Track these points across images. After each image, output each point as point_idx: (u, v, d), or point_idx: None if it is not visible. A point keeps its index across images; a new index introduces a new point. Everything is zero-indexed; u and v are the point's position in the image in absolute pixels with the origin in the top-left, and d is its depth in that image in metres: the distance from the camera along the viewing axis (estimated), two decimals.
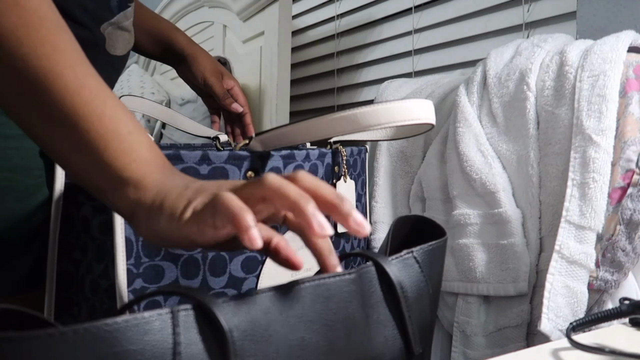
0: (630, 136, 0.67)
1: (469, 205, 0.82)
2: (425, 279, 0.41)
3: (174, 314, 0.31)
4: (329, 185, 0.45)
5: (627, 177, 0.67)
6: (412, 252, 0.41)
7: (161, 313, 0.30)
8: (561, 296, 0.67)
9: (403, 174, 0.97)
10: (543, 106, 0.76)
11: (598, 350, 0.46)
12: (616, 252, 0.66)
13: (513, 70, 0.81)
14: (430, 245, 0.43)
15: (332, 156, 0.70)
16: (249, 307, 0.33)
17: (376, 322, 0.38)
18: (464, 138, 0.82)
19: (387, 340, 0.38)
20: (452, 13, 1.18)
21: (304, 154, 0.66)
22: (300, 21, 1.64)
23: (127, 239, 0.54)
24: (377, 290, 0.38)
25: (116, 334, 0.29)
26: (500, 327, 0.78)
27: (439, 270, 0.45)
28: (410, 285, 0.40)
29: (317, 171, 0.68)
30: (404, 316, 0.39)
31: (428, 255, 0.42)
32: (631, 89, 0.69)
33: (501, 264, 0.77)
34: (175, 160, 0.56)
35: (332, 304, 0.36)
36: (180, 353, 0.30)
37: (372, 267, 0.39)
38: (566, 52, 0.75)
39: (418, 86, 1.04)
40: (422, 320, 0.41)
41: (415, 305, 0.40)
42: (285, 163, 0.64)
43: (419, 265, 0.41)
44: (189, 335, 0.31)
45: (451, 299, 0.86)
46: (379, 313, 0.38)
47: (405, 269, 0.40)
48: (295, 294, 0.35)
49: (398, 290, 0.39)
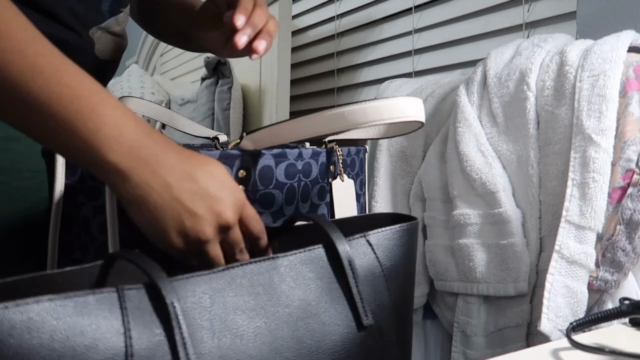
0: (631, 136, 0.67)
1: (469, 205, 0.82)
2: (378, 261, 0.46)
3: (119, 292, 0.34)
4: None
5: (627, 177, 0.67)
6: (364, 235, 0.46)
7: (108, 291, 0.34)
8: (561, 296, 0.67)
9: (403, 174, 0.97)
10: (543, 106, 0.76)
11: (598, 350, 0.46)
12: (616, 252, 0.66)
13: (513, 70, 0.81)
14: (385, 230, 0.47)
15: (327, 155, 0.71)
16: (192, 289, 0.37)
17: (327, 297, 0.42)
18: (464, 138, 0.82)
19: (338, 313, 0.42)
20: (452, 13, 1.18)
21: (296, 152, 0.66)
22: (300, 21, 1.64)
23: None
24: (326, 265, 0.43)
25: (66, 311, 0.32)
26: (500, 327, 0.78)
27: (402, 255, 0.48)
28: (360, 265, 0.44)
29: (311, 170, 0.68)
30: (351, 290, 0.43)
31: (383, 239, 0.46)
32: (631, 88, 0.69)
33: (501, 264, 0.77)
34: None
35: (285, 284, 0.41)
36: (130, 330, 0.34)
37: (325, 246, 0.44)
38: (566, 52, 0.75)
39: (418, 86, 1.04)
40: (377, 299, 0.45)
41: (365, 283, 0.44)
42: (277, 162, 0.64)
43: (372, 247, 0.46)
44: (135, 311, 0.34)
45: (451, 299, 0.86)
46: (330, 289, 0.43)
47: (356, 249, 0.45)
48: (248, 276, 0.40)
49: (345, 266, 0.43)
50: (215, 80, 1.49)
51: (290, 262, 0.42)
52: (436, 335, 0.92)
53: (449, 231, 0.86)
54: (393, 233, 0.47)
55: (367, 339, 0.43)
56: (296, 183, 0.66)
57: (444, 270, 0.85)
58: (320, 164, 0.70)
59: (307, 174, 0.68)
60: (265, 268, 0.41)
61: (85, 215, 0.60)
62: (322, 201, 0.71)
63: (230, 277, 0.39)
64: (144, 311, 0.34)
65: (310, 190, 0.69)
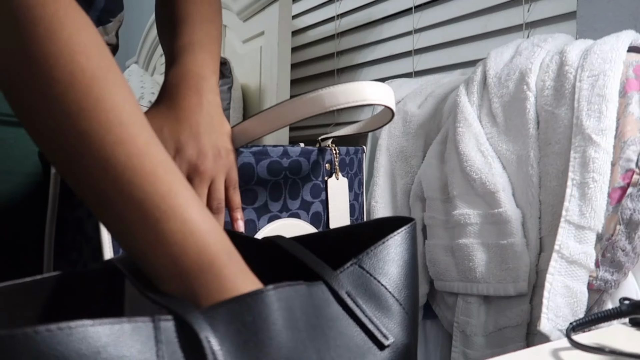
0: (630, 136, 0.67)
1: (469, 205, 0.82)
2: (375, 280, 0.44)
3: (155, 323, 0.32)
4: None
5: (627, 177, 0.67)
6: (355, 261, 0.44)
7: (144, 321, 0.31)
8: (561, 296, 0.67)
9: (403, 174, 0.97)
10: (543, 106, 0.76)
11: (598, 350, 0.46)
12: (616, 252, 0.66)
13: (513, 70, 0.81)
14: (375, 247, 0.45)
15: (320, 154, 0.71)
16: (230, 317, 0.34)
17: (342, 325, 0.41)
18: (464, 138, 0.82)
19: (359, 341, 0.41)
20: (452, 13, 1.18)
21: (280, 150, 0.67)
22: (300, 21, 1.64)
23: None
24: (332, 303, 0.41)
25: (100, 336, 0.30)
26: (500, 327, 0.78)
27: (402, 263, 0.46)
28: (359, 292, 0.43)
29: (301, 167, 0.69)
30: (360, 320, 0.41)
31: (374, 257, 0.45)
32: (631, 88, 0.69)
33: (501, 264, 0.77)
34: None
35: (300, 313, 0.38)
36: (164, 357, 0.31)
37: (322, 284, 0.42)
38: (566, 52, 0.75)
39: (418, 86, 1.04)
40: (388, 316, 0.44)
41: (369, 304, 0.43)
42: (258, 159, 0.64)
43: (366, 270, 0.44)
44: (170, 346, 0.32)
45: (451, 299, 0.86)
46: (340, 323, 0.41)
47: (352, 278, 0.43)
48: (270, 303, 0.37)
49: (348, 301, 0.42)
50: None
51: (288, 294, 0.39)
52: (436, 335, 0.92)
53: (448, 231, 0.86)
54: (384, 248, 0.45)
55: (395, 358, 0.42)
56: (282, 180, 0.67)
57: (443, 270, 0.85)
58: (312, 162, 0.70)
59: (295, 171, 0.68)
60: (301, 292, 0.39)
61: (79, 216, 0.60)
62: (317, 199, 0.72)
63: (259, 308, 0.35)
64: (178, 345, 0.32)
65: (301, 187, 0.69)
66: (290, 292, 0.38)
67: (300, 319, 0.38)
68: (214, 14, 0.68)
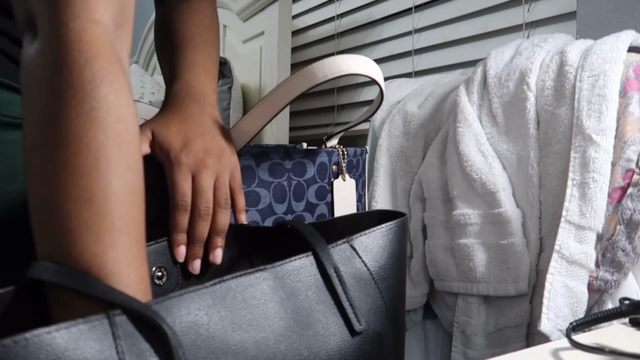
0: (630, 136, 0.67)
1: (469, 205, 0.82)
2: (365, 265, 0.45)
3: (110, 319, 0.32)
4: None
5: (627, 177, 0.67)
6: (347, 240, 0.45)
7: (99, 318, 0.32)
8: (561, 296, 0.67)
9: (403, 174, 0.97)
10: (543, 106, 0.76)
11: (598, 350, 0.46)
12: (616, 252, 0.66)
13: (513, 70, 0.81)
14: (369, 232, 0.46)
15: (327, 155, 0.71)
16: (187, 306, 0.36)
17: (318, 306, 0.42)
18: (464, 138, 0.82)
19: (331, 322, 0.42)
20: (452, 13, 1.18)
21: (282, 151, 0.66)
22: (300, 21, 1.64)
23: None
24: (315, 274, 0.43)
25: (58, 342, 0.30)
26: (500, 327, 0.78)
27: (389, 254, 0.47)
28: (346, 271, 0.44)
29: (305, 169, 0.68)
30: (340, 298, 0.43)
31: (367, 241, 0.46)
32: (631, 88, 0.69)
33: (501, 264, 0.77)
34: (154, 163, 0.57)
35: (277, 296, 0.41)
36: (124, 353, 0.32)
37: (311, 255, 0.43)
38: (566, 52, 0.75)
39: (418, 86, 1.04)
40: (369, 302, 0.44)
41: (354, 288, 0.44)
42: (258, 162, 0.64)
43: (356, 252, 0.45)
44: (129, 339, 0.32)
45: (451, 299, 0.86)
46: (319, 298, 0.42)
47: (340, 255, 0.44)
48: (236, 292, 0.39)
49: (331, 274, 0.43)
50: None
51: (279, 272, 0.41)
52: (436, 335, 0.92)
53: (449, 231, 0.86)
54: (377, 234, 0.47)
55: (363, 345, 0.43)
56: (285, 182, 0.67)
57: (443, 270, 0.85)
58: (318, 164, 0.70)
59: (299, 173, 0.68)
60: (255, 280, 0.40)
61: None
62: (322, 201, 0.71)
63: (224, 291, 0.38)
64: (137, 338, 0.33)
65: (306, 189, 0.69)
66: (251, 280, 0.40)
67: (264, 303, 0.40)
68: (214, 38, 0.72)
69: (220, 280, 0.39)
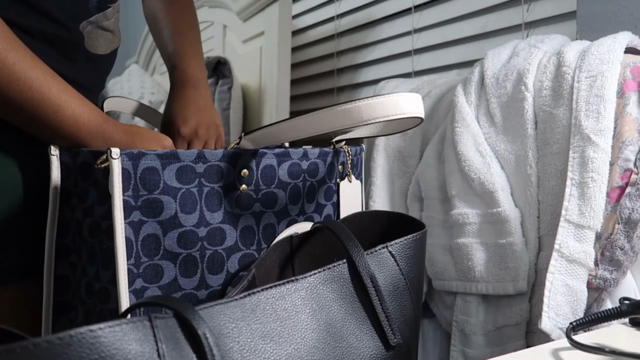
0: (628, 136, 0.68)
1: (467, 204, 0.82)
2: (401, 273, 0.43)
3: (152, 321, 0.32)
4: None
5: (626, 177, 0.68)
6: (386, 246, 0.44)
7: (141, 320, 0.32)
8: (561, 294, 0.67)
9: (400, 174, 0.97)
10: (541, 106, 0.76)
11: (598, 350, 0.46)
12: (615, 250, 0.67)
13: (511, 71, 0.81)
14: (406, 239, 0.45)
15: (335, 155, 0.70)
16: (216, 318, 0.35)
17: (351, 317, 0.40)
18: (462, 138, 0.83)
19: (364, 334, 0.40)
20: (451, 13, 1.18)
21: (301, 152, 0.66)
22: (300, 21, 1.64)
23: (127, 239, 0.54)
24: (348, 284, 0.41)
25: (102, 340, 0.29)
26: (499, 326, 0.78)
27: (418, 264, 0.46)
28: (384, 280, 0.42)
29: (318, 170, 0.68)
30: (376, 310, 0.41)
31: (404, 249, 0.44)
32: (628, 89, 0.70)
33: (500, 263, 0.78)
34: (172, 159, 0.57)
35: (308, 307, 0.39)
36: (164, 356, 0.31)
37: (345, 263, 0.41)
38: (564, 52, 0.76)
39: (415, 86, 1.05)
40: (402, 314, 0.43)
41: (390, 298, 0.42)
42: (280, 161, 0.64)
43: (395, 259, 0.43)
44: (169, 342, 0.32)
45: (450, 298, 0.86)
46: (354, 309, 0.41)
47: (379, 263, 0.43)
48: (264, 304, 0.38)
49: (368, 286, 0.41)
50: (215, 80, 1.49)
51: (310, 283, 0.40)
52: (434, 334, 0.92)
53: (447, 230, 0.86)
54: (413, 241, 0.45)
55: (396, 358, 0.41)
56: (301, 183, 0.66)
57: (442, 269, 0.85)
58: (328, 165, 0.69)
59: (313, 174, 0.67)
60: (286, 292, 0.39)
61: (77, 218, 0.60)
62: (329, 201, 0.71)
63: (253, 304, 0.37)
64: (177, 342, 0.33)
65: (317, 190, 0.69)
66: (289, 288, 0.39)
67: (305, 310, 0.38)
68: (195, 20, 0.89)
69: (250, 293, 0.38)
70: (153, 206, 0.55)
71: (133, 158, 0.54)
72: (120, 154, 0.54)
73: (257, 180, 0.62)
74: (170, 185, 0.56)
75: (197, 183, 0.58)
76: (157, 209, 0.56)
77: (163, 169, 0.56)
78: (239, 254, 0.62)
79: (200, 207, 0.58)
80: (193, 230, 0.58)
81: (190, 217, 0.58)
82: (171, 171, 0.56)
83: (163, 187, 0.56)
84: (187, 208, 0.57)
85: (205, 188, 0.59)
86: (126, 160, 0.54)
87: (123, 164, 0.54)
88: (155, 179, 0.55)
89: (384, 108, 0.54)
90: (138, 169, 0.55)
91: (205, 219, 0.59)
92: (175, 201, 0.56)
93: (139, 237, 0.55)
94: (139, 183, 0.55)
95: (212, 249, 0.60)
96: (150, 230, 0.56)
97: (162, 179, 0.56)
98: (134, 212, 0.55)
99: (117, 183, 0.53)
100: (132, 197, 0.54)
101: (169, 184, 0.56)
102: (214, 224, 0.60)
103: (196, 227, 0.58)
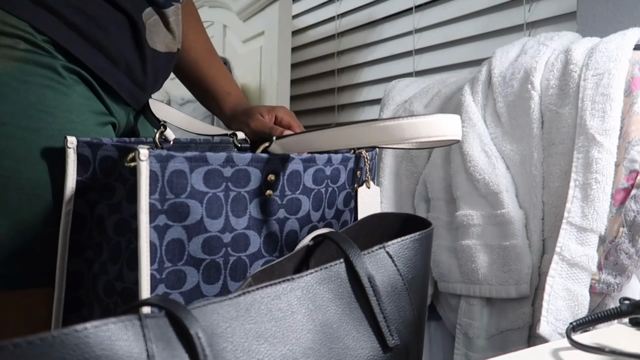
0: (635, 136, 0.67)
1: (472, 205, 0.81)
2: (399, 274, 0.43)
3: (142, 321, 0.31)
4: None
5: (631, 178, 0.66)
6: (383, 246, 0.43)
7: (130, 319, 0.31)
8: (561, 299, 0.66)
9: (408, 174, 0.97)
10: (547, 105, 0.75)
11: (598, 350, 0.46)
12: (619, 254, 0.65)
13: (518, 69, 0.80)
14: (404, 240, 0.44)
15: (355, 161, 0.70)
16: (209, 318, 0.34)
17: (348, 318, 0.40)
18: (468, 138, 0.82)
19: (362, 335, 0.39)
20: (452, 13, 1.17)
21: (326, 157, 0.66)
22: (300, 21, 1.63)
23: (152, 244, 0.53)
24: (345, 284, 0.40)
25: (87, 341, 0.29)
26: (502, 330, 0.77)
27: (418, 265, 0.45)
28: (381, 280, 0.41)
29: (339, 176, 0.68)
30: (374, 310, 0.40)
31: (402, 249, 0.44)
32: (637, 87, 0.68)
33: (503, 266, 0.77)
34: (201, 162, 0.56)
35: (304, 307, 0.38)
36: (154, 357, 0.31)
37: (342, 263, 0.41)
38: (572, 50, 0.75)
39: (425, 86, 1.04)
40: (401, 315, 0.42)
41: (388, 299, 0.41)
42: (306, 167, 0.64)
43: (392, 259, 0.43)
44: (160, 342, 0.31)
45: (454, 301, 0.85)
46: (350, 309, 0.40)
47: (375, 262, 0.42)
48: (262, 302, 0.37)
49: (365, 284, 0.40)
50: None
51: (306, 283, 0.39)
52: (441, 337, 0.91)
53: (452, 232, 0.85)
54: (412, 242, 0.45)
55: (393, 359, 0.41)
56: (324, 189, 0.66)
57: (447, 271, 0.84)
58: (348, 170, 0.69)
59: (335, 179, 0.67)
60: (281, 291, 0.38)
61: (100, 214, 0.59)
62: (347, 207, 0.70)
63: (248, 303, 0.37)
64: (168, 342, 0.32)
65: (337, 196, 0.68)
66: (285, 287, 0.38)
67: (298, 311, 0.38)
68: (204, 31, 0.96)
69: (244, 292, 0.37)
70: (179, 210, 0.54)
71: (161, 160, 0.53)
72: (148, 156, 0.52)
73: (283, 185, 0.62)
74: (197, 189, 0.55)
75: (223, 187, 0.57)
76: (184, 213, 0.54)
77: (191, 172, 0.55)
78: (261, 261, 0.61)
79: (226, 212, 0.57)
80: (218, 236, 0.57)
81: (215, 222, 0.57)
82: (199, 175, 0.55)
83: (190, 191, 0.55)
84: (213, 213, 0.56)
85: (232, 193, 0.58)
86: (154, 163, 0.52)
87: (151, 166, 0.52)
88: (182, 182, 0.54)
89: (427, 128, 0.52)
90: (166, 171, 0.53)
91: (230, 225, 0.58)
92: (201, 206, 0.55)
93: (163, 241, 0.54)
94: (166, 186, 0.53)
95: (236, 255, 0.59)
96: (175, 235, 0.55)
97: (190, 183, 0.55)
98: (160, 215, 0.53)
99: (144, 186, 0.52)
100: (158, 200, 0.53)
101: (196, 187, 0.55)
102: (238, 229, 0.59)
103: (221, 233, 0.57)
